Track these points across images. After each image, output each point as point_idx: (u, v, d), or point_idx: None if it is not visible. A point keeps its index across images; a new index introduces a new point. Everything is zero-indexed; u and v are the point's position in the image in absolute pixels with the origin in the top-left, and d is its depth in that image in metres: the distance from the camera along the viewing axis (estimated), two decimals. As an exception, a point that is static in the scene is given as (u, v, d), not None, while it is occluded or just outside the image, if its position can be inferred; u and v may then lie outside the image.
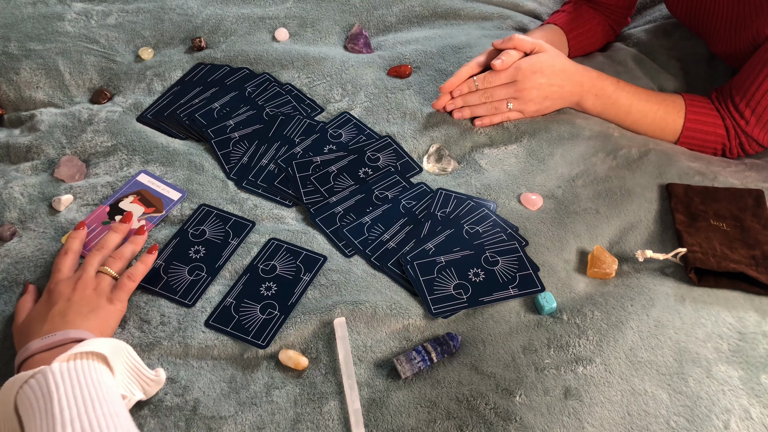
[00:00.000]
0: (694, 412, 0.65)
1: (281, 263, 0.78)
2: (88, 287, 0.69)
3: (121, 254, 0.75)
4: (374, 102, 0.98)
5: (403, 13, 1.14)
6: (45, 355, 0.61)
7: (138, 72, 1.02)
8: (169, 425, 0.65)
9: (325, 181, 0.87)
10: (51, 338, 0.62)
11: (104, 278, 0.71)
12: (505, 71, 0.91)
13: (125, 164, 0.89)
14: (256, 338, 0.71)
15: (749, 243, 0.79)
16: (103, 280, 0.71)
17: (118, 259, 0.74)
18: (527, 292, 0.75)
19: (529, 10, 1.19)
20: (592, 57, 1.09)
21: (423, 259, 0.78)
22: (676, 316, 0.73)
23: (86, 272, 0.71)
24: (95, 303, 0.68)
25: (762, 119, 0.89)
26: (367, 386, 0.68)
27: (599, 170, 0.89)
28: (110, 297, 0.70)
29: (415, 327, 0.73)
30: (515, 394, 0.66)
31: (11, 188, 0.85)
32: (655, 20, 1.17)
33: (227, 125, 0.94)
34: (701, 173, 0.89)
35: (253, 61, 1.03)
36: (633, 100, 0.93)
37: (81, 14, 1.11)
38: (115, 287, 0.71)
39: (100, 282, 0.71)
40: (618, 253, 0.80)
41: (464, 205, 0.84)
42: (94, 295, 0.69)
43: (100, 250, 0.74)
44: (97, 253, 0.74)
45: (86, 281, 0.70)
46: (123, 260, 0.74)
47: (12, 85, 1.00)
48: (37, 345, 0.61)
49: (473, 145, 0.93)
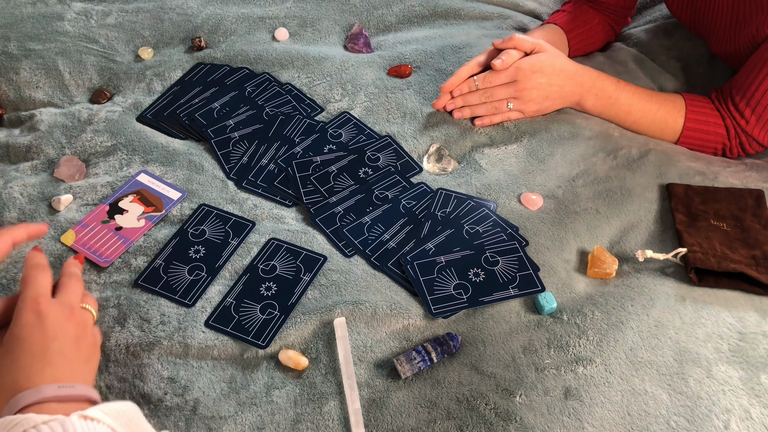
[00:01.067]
0: (695, 412, 0.65)
1: (281, 263, 0.78)
2: (87, 327, 0.61)
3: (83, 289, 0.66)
4: (374, 102, 0.97)
5: (403, 12, 1.14)
6: (56, 405, 0.53)
7: (138, 72, 1.02)
8: (169, 425, 0.65)
9: (325, 181, 0.87)
10: (69, 390, 0.54)
11: (90, 317, 0.63)
12: (505, 71, 0.91)
13: (125, 164, 0.89)
14: (256, 338, 0.71)
15: (749, 243, 0.79)
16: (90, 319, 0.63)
17: (88, 294, 0.66)
18: (527, 292, 0.75)
19: (529, 10, 1.19)
20: (592, 57, 1.09)
21: (423, 259, 0.78)
22: (676, 316, 0.73)
23: (76, 307, 0.61)
24: (92, 349, 0.60)
25: (762, 119, 0.89)
26: (367, 386, 0.68)
27: (599, 170, 0.89)
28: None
29: (415, 327, 0.73)
30: (515, 394, 0.66)
31: (11, 188, 0.85)
32: (655, 20, 1.17)
33: (227, 125, 0.94)
34: (701, 173, 0.89)
35: (253, 61, 1.03)
36: (633, 100, 0.93)
37: (81, 14, 1.11)
38: (95, 332, 0.63)
39: (89, 322, 0.62)
40: (618, 253, 0.80)
41: (464, 205, 0.84)
42: (91, 338, 0.61)
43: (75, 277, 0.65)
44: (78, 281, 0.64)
45: (84, 319, 0.61)
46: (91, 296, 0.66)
47: (12, 85, 1.00)
48: (52, 393, 0.53)
49: (473, 145, 0.93)
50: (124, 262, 0.78)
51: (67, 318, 0.59)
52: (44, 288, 0.60)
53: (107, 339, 0.71)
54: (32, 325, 0.57)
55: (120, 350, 0.70)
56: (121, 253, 0.79)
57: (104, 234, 0.80)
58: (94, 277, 0.77)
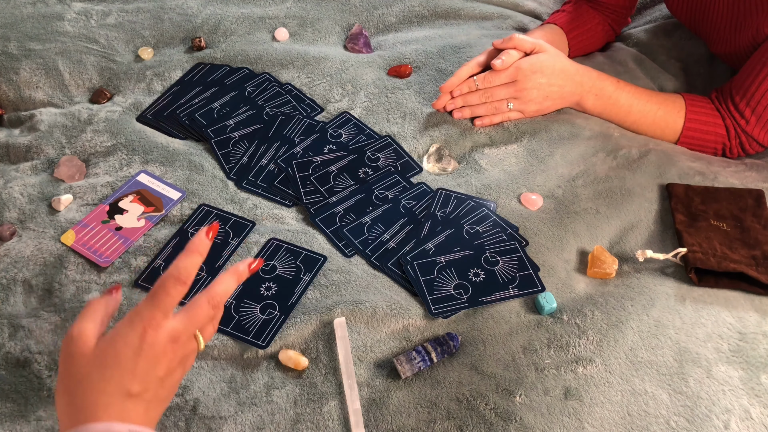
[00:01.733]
0: (695, 413, 0.65)
1: (281, 263, 0.78)
2: (183, 363, 0.52)
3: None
4: (374, 102, 0.97)
5: (403, 12, 1.14)
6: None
7: (138, 72, 1.02)
8: (169, 425, 0.65)
9: (325, 181, 0.87)
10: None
11: (193, 351, 0.53)
12: (505, 71, 0.91)
13: (125, 164, 0.89)
14: (256, 338, 0.71)
15: (749, 243, 0.79)
16: (192, 353, 0.53)
17: (216, 318, 0.56)
18: (527, 292, 0.75)
19: (529, 10, 1.19)
20: (592, 57, 1.09)
21: (423, 259, 0.78)
22: (676, 316, 0.73)
23: (181, 338, 0.52)
24: (175, 388, 0.53)
25: (762, 119, 0.89)
26: (367, 386, 0.68)
27: (599, 170, 0.89)
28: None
29: (415, 327, 0.73)
30: (515, 394, 0.66)
31: (11, 188, 0.85)
32: (655, 20, 1.17)
33: (227, 125, 0.94)
34: (701, 173, 0.89)
35: (253, 61, 1.03)
36: (633, 100, 0.93)
37: (81, 14, 1.11)
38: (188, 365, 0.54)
39: (189, 357, 0.53)
40: (618, 253, 0.80)
41: (464, 205, 0.84)
42: (179, 376, 0.53)
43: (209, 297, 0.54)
44: (208, 303, 0.53)
45: (185, 353, 0.52)
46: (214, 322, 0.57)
47: (12, 85, 1.00)
48: (122, 429, 0.47)
49: (473, 145, 0.93)
50: (124, 262, 0.78)
51: (169, 351, 0.50)
52: (168, 308, 0.51)
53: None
54: (134, 349, 0.49)
55: (120, 350, 0.70)
56: (121, 253, 0.79)
57: (104, 234, 0.80)
58: (94, 277, 0.77)
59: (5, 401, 0.68)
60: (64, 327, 0.72)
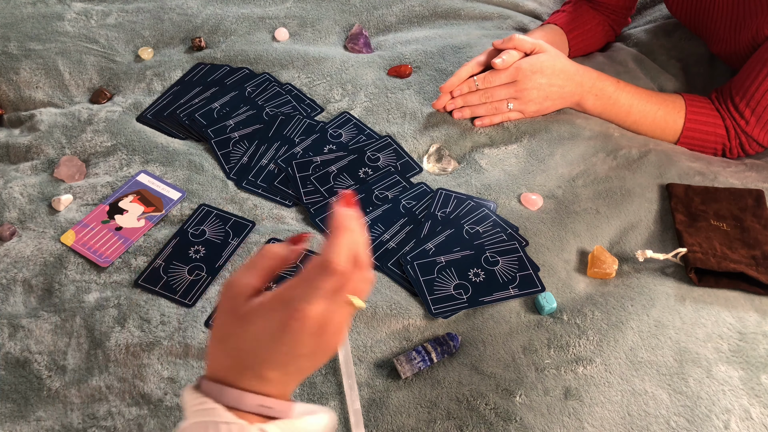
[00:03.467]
0: (695, 413, 0.65)
1: (281, 263, 0.78)
2: (337, 334, 0.47)
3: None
4: (374, 102, 0.97)
5: (403, 12, 1.14)
6: (242, 414, 0.44)
7: (138, 72, 1.02)
8: (169, 425, 0.65)
9: (325, 181, 0.87)
10: (265, 411, 0.45)
11: (347, 318, 0.47)
12: (505, 71, 0.91)
13: (125, 164, 0.89)
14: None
15: (749, 243, 0.79)
16: (346, 321, 0.47)
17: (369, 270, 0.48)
18: (527, 292, 0.75)
19: (529, 10, 1.19)
20: (592, 57, 1.09)
21: (423, 259, 0.78)
22: (676, 316, 0.73)
23: (338, 311, 0.46)
24: (324, 357, 0.48)
25: (762, 119, 0.89)
26: (367, 386, 0.68)
27: (599, 170, 0.89)
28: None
29: (415, 327, 0.73)
30: (515, 394, 0.66)
31: (11, 188, 0.85)
32: (655, 20, 1.17)
33: (227, 125, 0.94)
34: (701, 173, 0.89)
35: (253, 61, 1.03)
36: (633, 100, 0.93)
37: (81, 14, 1.11)
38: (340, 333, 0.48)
39: (343, 325, 0.47)
40: (618, 253, 0.80)
41: (464, 205, 0.84)
42: (332, 350, 0.47)
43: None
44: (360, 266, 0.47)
45: (339, 323, 0.46)
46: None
47: (12, 85, 1.00)
48: (250, 408, 0.45)
49: (473, 145, 0.93)
50: (124, 262, 0.78)
51: (342, 315, 0.46)
52: (346, 277, 0.45)
53: (107, 339, 0.71)
54: (297, 330, 0.44)
55: (120, 350, 0.70)
56: (121, 253, 0.79)
57: (104, 234, 0.80)
58: (94, 277, 0.77)
59: (5, 401, 0.68)
60: (64, 327, 0.72)
